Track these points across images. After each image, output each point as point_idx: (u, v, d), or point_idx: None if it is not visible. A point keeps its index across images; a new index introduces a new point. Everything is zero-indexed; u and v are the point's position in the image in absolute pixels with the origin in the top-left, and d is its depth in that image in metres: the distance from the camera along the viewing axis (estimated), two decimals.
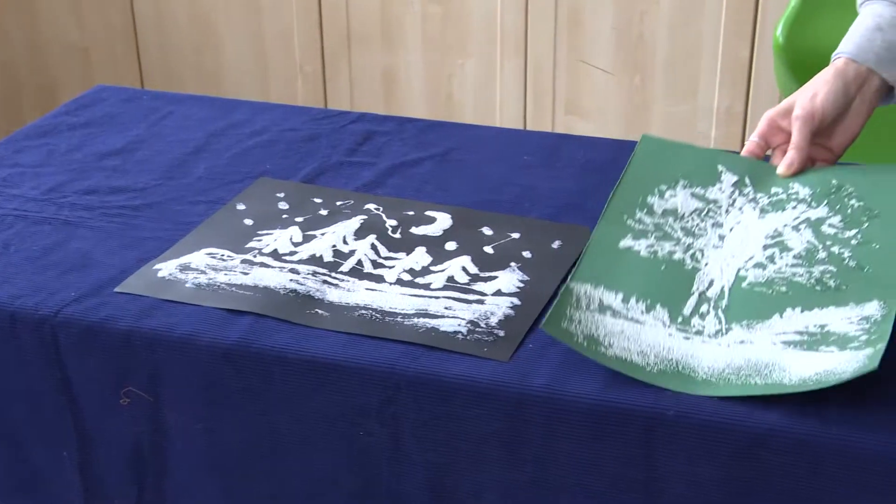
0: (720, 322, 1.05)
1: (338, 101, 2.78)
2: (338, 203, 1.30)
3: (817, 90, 1.23)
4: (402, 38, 2.68)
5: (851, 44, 1.24)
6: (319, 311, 1.10)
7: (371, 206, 1.29)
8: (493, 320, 1.08)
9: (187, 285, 1.14)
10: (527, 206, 1.31)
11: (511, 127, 2.62)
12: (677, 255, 1.13)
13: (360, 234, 1.23)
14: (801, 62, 1.94)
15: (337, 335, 1.07)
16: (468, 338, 1.06)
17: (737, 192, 1.21)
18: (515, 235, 1.23)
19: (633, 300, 1.08)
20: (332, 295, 1.13)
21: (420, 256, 1.20)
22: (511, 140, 1.50)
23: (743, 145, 1.26)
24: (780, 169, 1.21)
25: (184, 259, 1.19)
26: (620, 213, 1.18)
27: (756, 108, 2.46)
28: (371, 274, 1.16)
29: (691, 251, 1.14)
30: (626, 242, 1.15)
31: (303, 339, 1.07)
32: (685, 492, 0.97)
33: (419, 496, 1.05)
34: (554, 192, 1.34)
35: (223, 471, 1.12)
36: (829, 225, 1.14)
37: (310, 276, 1.15)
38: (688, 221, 1.17)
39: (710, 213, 1.18)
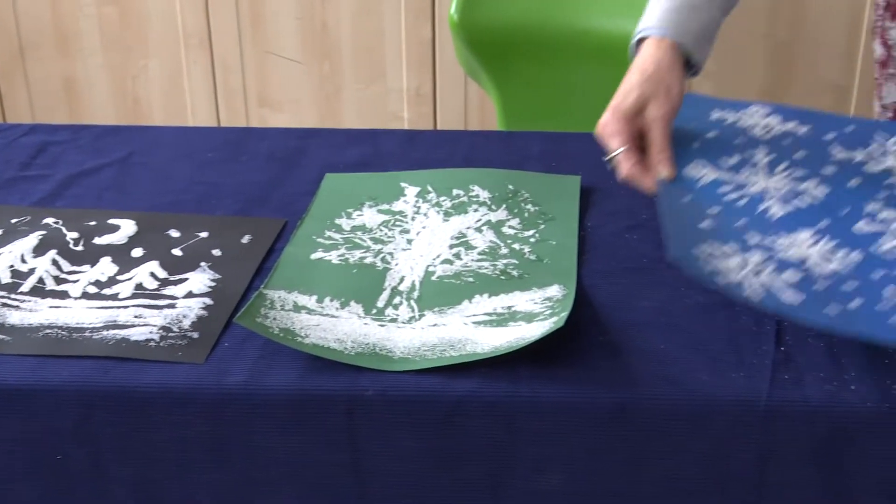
0: (413, 310, 1.08)
1: (17, 115, 2.65)
2: (13, 221, 1.24)
3: (668, 84, 1.14)
4: (79, 43, 2.58)
5: (671, 23, 1.16)
6: (1, 336, 1.05)
7: (49, 221, 1.24)
8: (186, 323, 1.06)
9: None
10: (214, 203, 1.29)
11: (205, 125, 2.58)
12: (368, 260, 1.16)
13: (38, 250, 1.18)
14: (477, 39, 2.00)
15: (23, 359, 1.02)
16: (161, 344, 1.03)
17: (421, 200, 1.27)
18: (204, 234, 1.21)
19: (327, 300, 1.09)
20: (14, 317, 1.08)
21: (105, 267, 1.16)
22: (194, 138, 1.47)
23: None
24: (664, 173, 1.13)
25: None
26: (309, 236, 1.20)
27: (443, 87, 2.52)
28: (54, 290, 1.12)
29: (381, 255, 1.17)
30: (318, 255, 1.17)
31: None
32: (391, 468, 0.98)
33: None
34: (240, 187, 1.32)
35: None
36: (509, 226, 1.22)
37: None
38: (376, 233, 1.21)
39: (398, 223, 1.23)
